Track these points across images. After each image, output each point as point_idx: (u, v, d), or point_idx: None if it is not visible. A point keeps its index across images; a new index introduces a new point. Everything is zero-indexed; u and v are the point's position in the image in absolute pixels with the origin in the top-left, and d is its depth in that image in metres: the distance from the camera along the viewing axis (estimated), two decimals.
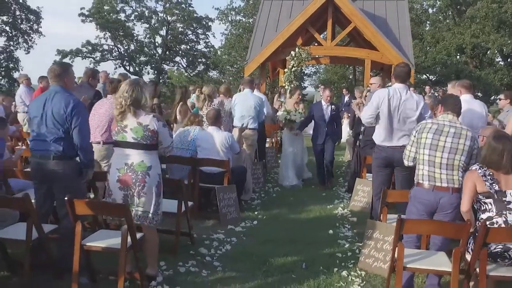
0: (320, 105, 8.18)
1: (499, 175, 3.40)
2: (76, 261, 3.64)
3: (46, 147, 4.05)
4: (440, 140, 3.71)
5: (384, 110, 5.04)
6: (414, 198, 3.85)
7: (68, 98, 4.07)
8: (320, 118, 8.05)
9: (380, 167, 5.20)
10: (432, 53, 26.45)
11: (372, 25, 15.63)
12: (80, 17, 36.72)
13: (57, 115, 4.02)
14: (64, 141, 4.06)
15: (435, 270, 3.49)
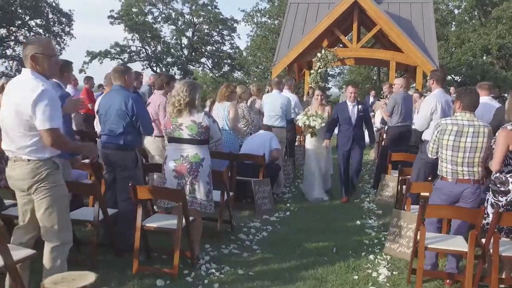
0: (345, 105, 7.18)
1: None
2: (137, 240, 4.19)
3: (111, 140, 4.65)
4: (461, 141, 4.06)
5: (440, 115, 5.37)
6: (439, 190, 4.23)
7: (127, 96, 4.65)
8: (345, 120, 7.08)
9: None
10: (457, 54, 26.52)
11: (397, 27, 15.91)
12: (109, 19, 37.86)
13: (119, 111, 4.60)
14: (125, 135, 4.64)
15: (453, 250, 3.94)
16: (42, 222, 3.31)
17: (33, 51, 3.22)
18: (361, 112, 7.11)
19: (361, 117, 7.12)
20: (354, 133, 7.09)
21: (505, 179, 3.91)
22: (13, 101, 3.19)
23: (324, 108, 7.40)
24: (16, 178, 3.27)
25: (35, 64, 3.23)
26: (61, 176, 3.41)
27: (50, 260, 3.34)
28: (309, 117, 7.17)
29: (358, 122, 7.12)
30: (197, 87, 4.57)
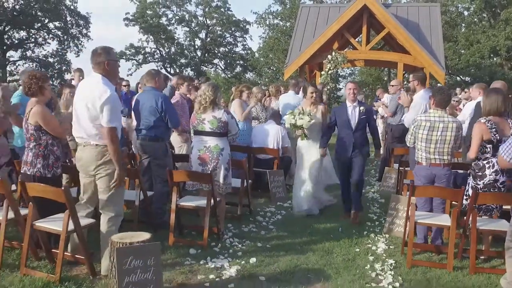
0: (344, 107, 6.25)
1: (498, 125, 4.55)
2: (172, 216, 4.97)
3: (145, 133, 5.45)
4: (433, 135, 4.87)
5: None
6: (418, 173, 5.06)
7: (157, 95, 5.45)
8: (344, 123, 6.13)
9: None
10: (466, 56, 27.04)
11: (405, 30, 16.49)
12: (125, 21, 38.87)
13: (150, 109, 5.40)
14: (156, 128, 5.44)
15: (439, 224, 4.68)
16: (102, 197, 4.09)
17: (107, 58, 4.01)
18: (363, 114, 6.13)
19: (363, 120, 6.14)
20: (355, 139, 6.09)
21: (482, 165, 4.64)
22: (85, 98, 3.98)
23: (317, 107, 6.53)
24: (85, 160, 4.06)
25: (109, 69, 4.02)
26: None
27: (107, 228, 4.11)
28: (295, 115, 6.31)
29: (360, 126, 6.12)
30: (219, 88, 5.38)
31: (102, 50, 4.07)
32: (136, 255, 3.32)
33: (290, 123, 6.33)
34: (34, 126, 4.34)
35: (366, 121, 6.21)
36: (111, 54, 4.09)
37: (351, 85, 6.25)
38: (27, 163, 4.39)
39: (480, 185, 4.63)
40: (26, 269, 4.01)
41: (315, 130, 6.43)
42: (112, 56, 4.09)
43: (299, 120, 6.23)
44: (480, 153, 4.62)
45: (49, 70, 34.16)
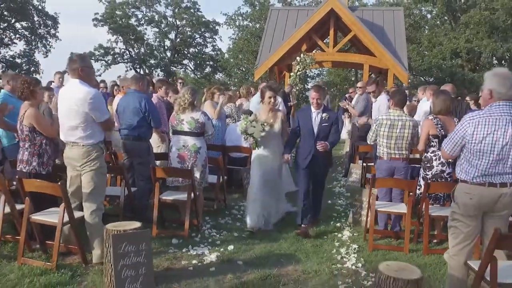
0: (308, 111, 5.85)
1: (444, 122, 5.16)
2: (155, 209, 5.38)
3: (128, 133, 5.83)
4: (393, 132, 5.47)
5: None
6: (379, 167, 5.65)
7: (141, 97, 5.84)
8: (307, 130, 5.77)
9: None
10: (428, 57, 28.09)
11: (369, 33, 17.21)
12: (94, 21, 38.59)
13: (134, 109, 5.79)
14: (139, 128, 5.83)
15: (396, 212, 5.27)
16: (85, 190, 4.46)
17: (80, 64, 4.39)
18: (324, 122, 5.71)
19: (324, 129, 5.71)
20: (316, 148, 5.66)
21: (430, 157, 5.28)
22: (69, 103, 4.34)
23: (276, 114, 5.99)
24: (72, 158, 4.44)
25: (83, 75, 4.40)
26: (103, 158, 4.58)
27: (91, 220, 4.47)
28: (248, 122, 5.80)
29: (321, 134, 5.70)
30: (197, 91, 5.82)
31: (77, 57, 4.46)
32: (129, 241, 3.73)
33: (241, 129, 5.84)
34: (28, 127, 4.69)
35: (329, 129, 5.71)
36: (85, 61, 4.47)
37: (314, 94, 5.72)
38: (23, 161, 4.75)
39: (429, 175, 5.24)
40: (23, 258, 4.36)
41: (273, 139, 5.92)
42: (86, 63, 4.47)
43: (250, 128, 5.74)
44: (427, 146, 5.24)
45: (16, 71, 33.71)
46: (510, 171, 3.42)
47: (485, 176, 3.48)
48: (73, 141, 4.40)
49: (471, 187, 3.53)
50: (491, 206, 3.51)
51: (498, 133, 3.41)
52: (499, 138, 3.40)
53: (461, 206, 3.60)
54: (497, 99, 3.47)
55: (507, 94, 3.44)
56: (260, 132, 5.73)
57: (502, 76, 3.49)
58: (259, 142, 5.82)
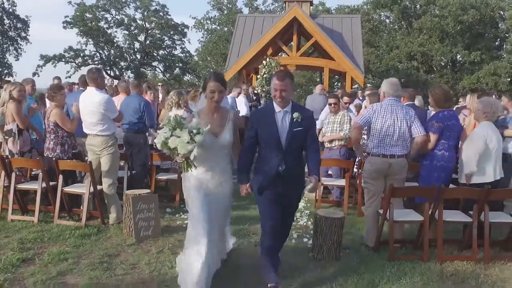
0: (270, 111, 4.01)
1: None
2: (153, 186, 6.87)
3: (130, 127, 7.28)
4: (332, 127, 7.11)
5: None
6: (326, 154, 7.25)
7: (140, 100, 7.30)
8: (271, 138, 3.97)
9: None
10: (386, 60, 30.30)
11: (329, 39, 18.97)
12: (63, 24, 39.25)
13: (134, 109, 7.24)
14: (138, 124, 7.26)
15: (338, 184, 6.93)
16: (104, 169, 5.91)
17: (99, 75, 5.87)
18: (297, 125, 3.94)
19: (297, 136, 3.95)
20: (287, 165, 3.94)
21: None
22: (89, 106, 5.80)
23: (223, 115, 4.12)
24: (93, 145, 5.88)
25: (100, 83, 5.88)
26: (117, 146, 6.05)
27: (109, 191, 5.92)
28: (169, 130, 3.77)
29: (293, 145, 3.95)
30: (182, 94, 7.28)
31: (96, 69, 6.09)
32: (143, 201, 5.24)
33: (160, 142, 3.78)
34: (53, 123, 6.11)
35: (304, 134, 3.97)
36: (101, 73, 6.02)
37: (277, 83, 3.90)
38: (49, 149, 6.15)
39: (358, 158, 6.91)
40: (58, 220, 5.79)
41: (219, 153, 4.07)
42: (102, 75, 6.05)
43: (172, 140, 3.70)
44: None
45: None
46: (396, 145, 5.10)
47: (379, 148, 5.16)
48: (94, 133, 5.85)
49: (371, 158, 5.23)
50: (385, 171, 5.17)
51: (385, 117, 5.14)
52: (386, 121, 5.12)
53: (366, 171, 5.29)
54: (387, 96, 5.26)
55: (393, 94, 5.25)
56: (187, 145, 3.67)
57: (390, 82, 5.36)
58: (191, 160, 3.87)
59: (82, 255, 4.78)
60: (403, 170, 5.26)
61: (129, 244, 5.12)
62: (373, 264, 4.78)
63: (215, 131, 4.01)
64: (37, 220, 5.84)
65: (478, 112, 5.36)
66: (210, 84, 4.02)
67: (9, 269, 4.33)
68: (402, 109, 5.22)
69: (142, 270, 4.43)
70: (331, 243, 4.82)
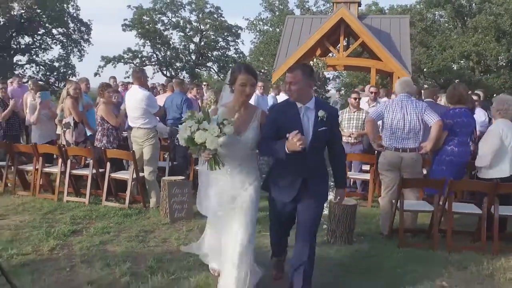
0: (293, 107, 3.63)
1: None
2: (191, 175, 7.50)
3: (174, 122, 7.92)
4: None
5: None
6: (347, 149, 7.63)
7: (182, 97, 7.96)
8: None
9: None
10: (438, 60, 29.75)
11: (376, 40, 19.03)
12: (122, 26, 41.23)
13: (178, 105, 7.91)
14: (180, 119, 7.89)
15: (361, 178, 7.30)
16: (145, 158, 6.59)
17: (142, 74, 6.56)
18: (323, 122, 3.58)
19: (322, 136, 3.61)
20: (309, 167, 3.61)
21: None
22: (132, 102, 6.50)
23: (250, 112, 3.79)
24: (137, 137, 6.59)
25: (143, 81, 6.58)
26: (157, 138, 6.73)
27: (150, 178, 6.60)
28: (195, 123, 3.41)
29: (316, 144, 3.61)
30: (218, 92, 7.89)
31: (140, 70, 6.80)
32: (177, 186, 5.88)
33: (185, 137, 3.45)
34: (100, 117, 6.87)
35: (328, 134, 3.63)
36: (144, 73, 6.71)
37: (286, 74, 3.72)
38: (98, 139, 6.93)
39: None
40: (106, 202, 6.54)
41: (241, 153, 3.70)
42: (145, 74, 6.73)
43: (199, 136, 3.36)
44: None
45: (54, 73, 36.64)
46: (407, 138, 5.44)
47: (391, 141, 5.53)
48: (138, 126, 6.56)
49: (385, 151, 5.60)
50: (398, 164, 5.52)
51: (395, 112, 5.51)
52: (396, 115, 5.49)
53: (380, 164, 5.67)
54: (398, 94, 5.69)
55: (402, 91, 5.63)
56: (217, 139, 3.33)
57: (400, 81, 5.79)
58: (219, 157, 3.50)
59: (122, 230, 5.49)
60: (415, 163, 5.57)
61: (164, 223, 5.77)
62: (382, 249, 5.17)
63: (239, 129, 3.56)
64: (88, 201, 6.63)
65: (493, 109, 5.62)
66: (241, 77, 3.66)
67: (61, 238, 5.11)
68: (412, 103, 5.55)
69: (171, 244, 5.06)
70: (343, 229, 5.25)
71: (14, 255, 4.56)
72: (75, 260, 4.50)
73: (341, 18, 19.25)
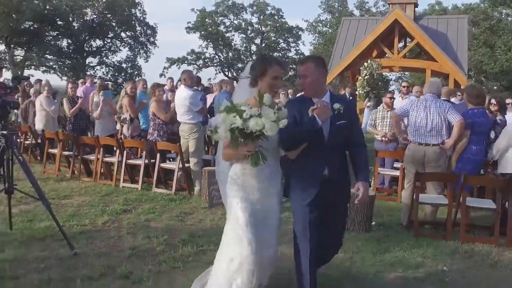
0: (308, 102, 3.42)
1: None
2: None
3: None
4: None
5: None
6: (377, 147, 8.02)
7: (226, 95, 8.68)
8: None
9: None
10: (501, 60, 28.83)
11: (430, 40, 18.91)
12: (186, 29, 42.98)
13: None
14: None
15: (391, 174, 7.70)
16: (190, 150, 7.35)
17: (184, 76, 7.35)
18: (341, 116, 3.38)
19: (340, 130, 3.39)
20: (329, 162, 3.40)
21: None
22: (178, 100, 7.30)
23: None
24: (183, 131, 7.38)
25: (187, 82, 7.36)
26: (201, 132, 7.49)
27: (195, 168, 7.37)
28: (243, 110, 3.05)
29: (335, 141, 3.40)
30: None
31: (185, 71, 7.58)
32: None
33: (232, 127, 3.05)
34: (151, 113, 7.73)
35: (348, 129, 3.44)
36: (189, 74, 7.47)
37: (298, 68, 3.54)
38: (150, 133, 7.80)
39: None
40: (155, 188, 7.41)
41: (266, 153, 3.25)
42: (190, 75, 7.48)
43: (254, 121, 3.00)
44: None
45: (122, 74, 38.92)
46: (430, 135, 5.84)
47: (415, 137, 5.96)
48: (184, 121, 7.36)
49: (410, 145, 6.03)
50: (421, 159, 5.93)
51: (419, 110, 5.94)
52: (419, 114, 5.91)
53: (405, 157, 6.10)
54: (424, 94, 6.13)
55: (428, 92, 6.06)
56: (277, 123, 3.05)
57: (428, 83, 6.25)
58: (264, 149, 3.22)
59: (166, 211, 6.31)
60: (438, 157, 5.94)
61: (203, 207, 6.53)
62: (397, 237, 5.60)
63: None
64: (140, 187, 7.54)
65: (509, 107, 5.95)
66: (273, 70, 3.35)
67: (113, 215, 6.02)
68: (436, 103, 5.94)
69: (206, 224, 5.81)
70: (361, 217, 5.74)
71: (74, 225, 5.52)
72: (122, 232, 5.37)
73: (396, 19, 19.32)
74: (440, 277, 4.46)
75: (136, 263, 4.46)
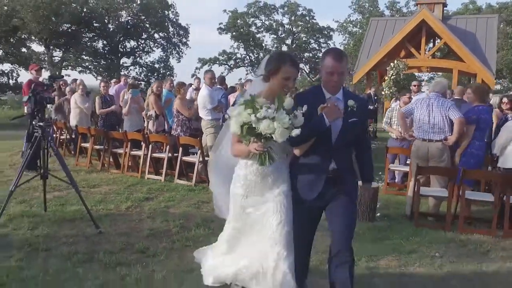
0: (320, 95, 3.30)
1: None
2: None
3: None
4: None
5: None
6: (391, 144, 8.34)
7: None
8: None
9: None
10: None
11: (458, 40, 18.86)
12: (218, 30, 43.75)
13: None
14: None
15: (402, 169, 8.01)
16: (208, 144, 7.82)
17: (204, 75, 7.86)
18: (353, 113, 3.26)
19: (351, 128, 3.27)
20: (336, 161, 3.29)
21: None
22: (200, 97, 7.83)
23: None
24: (203, 126, 7.90)
25: (206, 81, 7.88)
26: (218, 128, 7.98)
27: None
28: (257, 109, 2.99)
29: (345, 138, 3.29)
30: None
31: (206, 71, 8.15)
32: None
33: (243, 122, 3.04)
34: (175, 109, 8.29)
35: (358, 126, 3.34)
36: (210, 73, 7.99)
37: (334, 64, 3.16)
38: (173, 129, 8.37)
39: None
40: (177, 180, 7.96)
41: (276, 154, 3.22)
42: (211, 75, 8.00)
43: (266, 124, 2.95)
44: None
45: (154, 74, 39.96)
46: (433, 132, 6.16)
47: (419, 133, 6.32)
48: (202, 117, 7.88)
49: (415, 141, 6.39)
50: (426, 155, 6.26)
51: (422, 108, 6.30)
52: (422, 112, 6.26)
53: (412, 152, 6.46)
54: (430, 92, 6.51)
55: (432, 91, 6.44)
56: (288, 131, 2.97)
57: (433, 82, 6.64)
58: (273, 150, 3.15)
59: (185, 199, 6.85)
60: (441, 153, 6.27)
61: None
62: (398, 227, 5.95)
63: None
64: (164, 179, 8.11)
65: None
66: (287, 69, 3.25)
67: (136, 202, 6.61)
68: (438, 102, 6.27)
69: None
70: (365, 207, 6.12)
71: (101, 209, 6.15)
72: (143, 216, 5.95)
73: (423, 19, 19.36)
74: (429, 261, 4.81)
75: (153, 241, 5.01)
